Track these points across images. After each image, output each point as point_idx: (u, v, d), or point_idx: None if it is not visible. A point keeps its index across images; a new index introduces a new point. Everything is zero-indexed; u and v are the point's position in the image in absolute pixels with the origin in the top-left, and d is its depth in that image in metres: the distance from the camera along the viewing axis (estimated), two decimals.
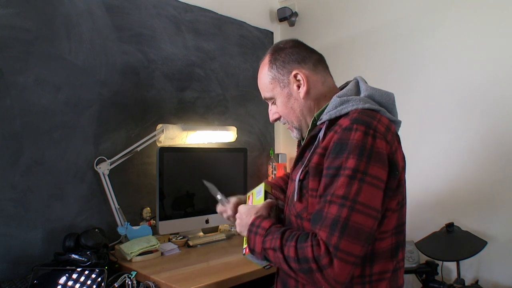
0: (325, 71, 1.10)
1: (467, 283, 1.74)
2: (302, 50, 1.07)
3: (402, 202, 0.95)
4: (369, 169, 0.84)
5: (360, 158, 0.84)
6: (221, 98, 2.28)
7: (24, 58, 1.53)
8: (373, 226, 0.84)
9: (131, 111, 1.87)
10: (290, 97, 1.04)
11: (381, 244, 0.92)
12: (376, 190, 0.84)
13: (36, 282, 1.33)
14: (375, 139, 0.86)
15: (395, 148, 0.89)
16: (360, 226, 0.82)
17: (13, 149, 1.50)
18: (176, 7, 2.07)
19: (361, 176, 0.83)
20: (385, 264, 0.93)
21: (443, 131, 1.91)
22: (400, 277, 0.99)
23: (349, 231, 0.81)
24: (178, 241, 1.76)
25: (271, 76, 1.05)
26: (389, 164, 0.87)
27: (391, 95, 1.01)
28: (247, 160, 2.09)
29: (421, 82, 1.98)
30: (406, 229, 1.01)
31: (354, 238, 0.81)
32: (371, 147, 0.85)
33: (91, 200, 1.71)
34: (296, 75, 1.02)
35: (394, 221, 0.93)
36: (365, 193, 0.83)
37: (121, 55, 1.84)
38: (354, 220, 0.81)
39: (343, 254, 0.81)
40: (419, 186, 1.97)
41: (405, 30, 2.04)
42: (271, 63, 1.06)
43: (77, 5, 1.69)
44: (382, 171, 0.85)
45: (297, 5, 2.54)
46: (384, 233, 0.92)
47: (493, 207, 1.76)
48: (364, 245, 0.83)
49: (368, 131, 0.86)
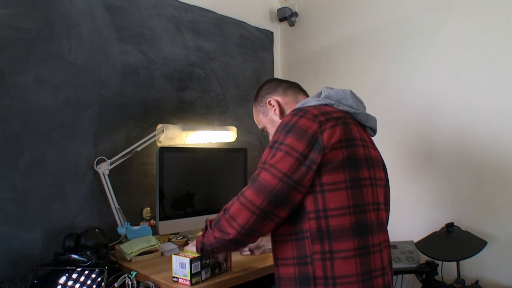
0: (296, 92, 1.30)
1: (467, 283, 1.74)
2: (273, 83, 1.32)
3: (353, 183, 1.01)
4: (285, 139, 1.00)
5: (281, 132, 1.02)
6: (221, 98, 2.28)
7: (24, 58, 1.53)
8: (277, 186, 0.97)
9: (131, 111, 1.87)
10: (273, 121, 1.28)
11: (336, 221, 0.99)
12: (287, 156, 0.98)
13: (36, 282, 1.33)
14: (300, 118, 1.02)
15: (324, 128, 1.00)
16: (263, 182, 0.98)
17: (13, 149, 1.50)
18: (176, 7, 2.07)
19: (277, 145, 1.01)
20: (346, 243, 0.99)
21: (443, 130, 1.91)
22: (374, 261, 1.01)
23: (255, 184, 0.99)
24: (178, 241, 1.76)
25: (257, 111, 1.34)
26: (312, 139, 0.99)
27: (347, 91, 1.15)
28: (247, 160, 2.09)
29: (422, 82, 1.98)
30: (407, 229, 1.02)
31: (257, 189, 0.98)
32: (294, 123, 1.01)
33: (91, 200, 1.71)
34: (270, 101, 1.28)
35: (344, 199, 1.00)
36: (276, 157, 0.99)
37: (121, 55, 1.84)
38: (262, 176, 0.99)
39: (244, 199, 0.99)
40: (419, 186, 1.98)
41: (406, 30, 2.04)
42: (255, 102, 1.35)
43: (77, 5, 1.69)
44: (297, 143, 0.99)
45: (297, 5, 2.54)
46: (335, 210, 0.99)
47: (493, 207, 1.76)
48: (266, 199, 0.97)
49: (297, 113, 1.03)
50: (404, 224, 1.99)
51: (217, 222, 1.06)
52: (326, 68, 2.39)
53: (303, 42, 2.52)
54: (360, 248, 0.99)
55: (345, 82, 2.28)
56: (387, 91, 2.11)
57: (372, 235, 1.02)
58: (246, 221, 0.99)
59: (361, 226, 1.00)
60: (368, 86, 2.16)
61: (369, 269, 1.00)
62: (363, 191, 1.03)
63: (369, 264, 1.00)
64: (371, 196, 1.05)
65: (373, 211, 1.04)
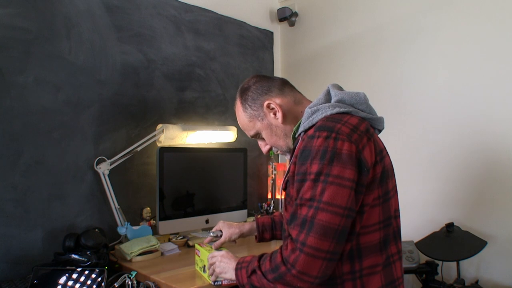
0: (292, 91, 1.15)
1: (467, 283, 1.74)
2: (264, 81, 1.14)
3: (385, 197, 0.97)
4: (331, 170, 0.89)
5: (322, 162, 0.90)
6: (221, 98, 2.28)
7: (24, 58, 1.53)
8: (341, 223, 0.88)
9: (131, 111, 1.87)
10: (272, 126, 1.12)
11: (366, 239, 0.95)
12: (341, 188, 0.89)
13: (36, 282, 1.33)
14: (336, 141, 0.91)
15: (362, 146, 0.93)
16: (326, 224, 0.87)
17: (13, 149, 1.50)
18: (176, 7, 2.07)
19: (324, 178, 0.89)
20: (375, 258, 0.96)
21: (443, 130, 1.91)
22: (396, 271, 1.00)
23: (315, 228, 0.88)
24: (178, 241, 1.76)
25: (248, 115, 1.14)
26: (357, 162, 0.91)
27: (361, 94, 1.06)
28: (247, 160, 2.09)
29: (422, 82, 1.98)
30: (407, 229, 1.02)
31: (321, 234, 0.87)
32: (333, 149, 0.90)
33: (91, 200, 1.71)
34: (269, 104, 1.10)
35: (377, 215, 0.96)
36: (328, 193, 0.88)
37: (121, 55, 1.84)
38: (320, 218, 0.88)
39: (310, 249, 0.88)
40: (419, 186, 1.98)
41: (406, 29, 2.04)
42: (243, 104, 1.15)
43: (77, 5, 1.69)
44: (346, 170, 0.89)
45: (297, 5, 2.54)
46: (367, 228, 0.95)
47: (493, 207, 1.76)
48: (334, 241, 0.88)
49: (330, 135, 0.92)
50: (404, 224, 1.97)
51: (280, 277, 0.93)
52: (326, 68, 2.39)
53: (303, 42, 2.52)
54: (385, 260, 0.98)
55: (345, 82, 2.27)
56: (387, 91, 2.10)
57: (391, 244, 1.00)
58: (318, 271, 0.89)
59: (386, 239, 0.98)
60: (368, 86, 2.16)
61: (392, 279, 0.99)
62: (390, 203, 1.00)
63: (392, 274, 0.99)
64: (393, 207, 1.02)
65: (393, 220, 1.02)
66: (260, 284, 0.99)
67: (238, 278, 1.06)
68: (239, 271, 1.06)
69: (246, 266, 1.04)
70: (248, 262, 1.05)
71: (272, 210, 2.22)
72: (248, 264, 1.04)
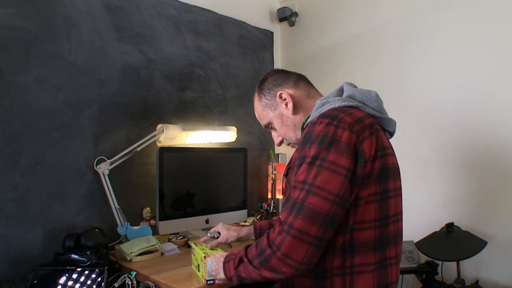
0: (307, 86, 1.18)
1: (467, 283, 1.74)
2: (281, 74, 1.18)
3: (382, 195, 0.97)
4: (328, 156, 0.89)
5: (320, 146, 0.90)
6: (221, 98, 2.28)
7: (24, 58, 1.53)
8: (331, 209, 0.88)
9: (131, 111, 1.87)
10: (282, 116, 1.15)
11: (360, 235, 0.94)
12: (335, 175, 0.88)
13: (36, 282, 1.33)
14: (337, 129, 0.91)
15: (362, 138, 0.93)
16: (315, 208, 0.87)
17: (13, 149, 1.50)
18: (176, 7, 2.07)
19: (319, 162, 0.89)
20: (367, 256, 0.95)
21: (443, 130, 1.91)
22: (391, 275, 0.99)
23: (304, 211, 0.87)
24: (178, 241, 1.76)
25: (262, 104, 1.19)
26: (354, 152, 0.91)
27: (373, 92, 1.08)
28: (247, 160, 2.09)
29: (422, 82, 1.98)
30: (407, 229, 1.01)
31: (308, 217, 0.87)
32: (332, 136, 0.91)
33: (91, 200, 1.71)
34: (281, 95, 1.14)
35: (373, 212, 0.95)
36: (322, 177, 0.88)
37: (121, 55, 1.84)
38: (310, 201, 0.88)
39: (296, 232, 0.87)
40: (419, 186, 1.97)
41: (406, 29, 2.04)
42: (259, 94, 1.20)
43: (77, 5, 1.69)
44: (342, 158, 0.89)
45: (297, 5, 2.54)
46: (362, 224, 0.94)
47: (493, 207, 1.76)
48: (322, 227, 0.87)
49: (332, 122, 0.92)
50: (404, 224, 1.98)
51: (265, 261, 0.92)
52: (326, 68, 2.39)
53: (303, 42, 2.52)
54: (380, 261, 0.96)
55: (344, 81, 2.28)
56: (387, 91, 2.10)
57: (390, 247, 0.99)
58: (303, 256, 0.88)
59: (382, 240, 0.97)
60: (368, 86, 2.14)
61: (386, 282, 0.97)
62: (388, 203, 0.99)
63: (386, 277, 0.98)
64: (393, 208, 1.01)
65: (393, 223, 1.01)
66: (246, 273, 0.98)
67: (226, 272, 1.05)
68: (226, 264, 1.06)
69: (234, 258, 1.04)
70: (236, 254, 1.05)
71: (272, 210, 2.22)
72: (235, 256, 1.04)
